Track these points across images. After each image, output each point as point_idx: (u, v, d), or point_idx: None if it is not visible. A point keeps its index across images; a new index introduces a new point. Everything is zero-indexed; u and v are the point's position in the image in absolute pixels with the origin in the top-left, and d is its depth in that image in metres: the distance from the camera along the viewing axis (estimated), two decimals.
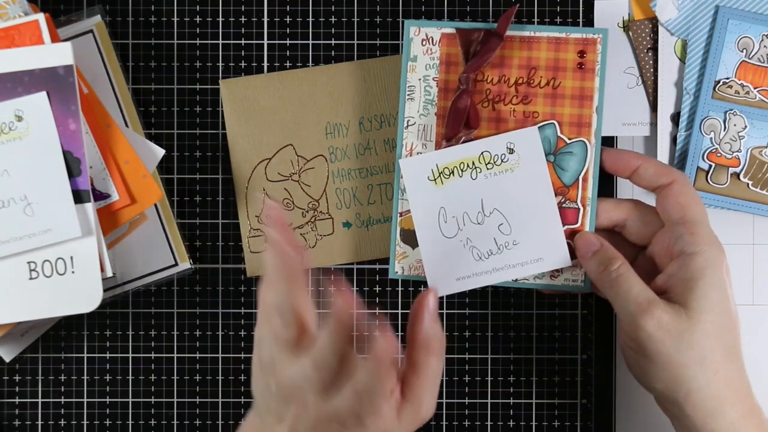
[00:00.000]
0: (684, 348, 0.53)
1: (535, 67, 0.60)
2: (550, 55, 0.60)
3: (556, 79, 0.60)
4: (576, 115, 0.60)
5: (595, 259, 0.57)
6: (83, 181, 0.57)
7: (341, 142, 0.65)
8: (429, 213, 0.60)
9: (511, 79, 0.60)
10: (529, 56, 0.60)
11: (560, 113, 0.60)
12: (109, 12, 0.64)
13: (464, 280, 0.60)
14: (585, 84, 0.60)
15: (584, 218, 0.60)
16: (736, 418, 0.54)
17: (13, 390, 0.65)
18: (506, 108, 0.60)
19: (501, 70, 0.60)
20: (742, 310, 0.65)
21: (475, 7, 0.65)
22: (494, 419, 0.65)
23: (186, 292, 0.65)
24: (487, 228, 0.60)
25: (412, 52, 0.60)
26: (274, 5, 0.65)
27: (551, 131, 0.60)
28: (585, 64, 0.60)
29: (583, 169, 0.60)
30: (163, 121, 0.65)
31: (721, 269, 0.54)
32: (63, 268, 0.57)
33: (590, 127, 0.60)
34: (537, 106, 0.60)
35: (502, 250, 0.60)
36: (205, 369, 0.65)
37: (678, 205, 0.56)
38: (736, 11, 0.62)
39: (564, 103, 0.60)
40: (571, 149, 0.60)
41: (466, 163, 0.60)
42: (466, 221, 0.60)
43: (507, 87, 0.60)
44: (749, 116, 0.62)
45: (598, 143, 0.60)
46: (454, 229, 0.60)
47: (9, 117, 0.56)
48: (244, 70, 0.65)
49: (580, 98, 0.60)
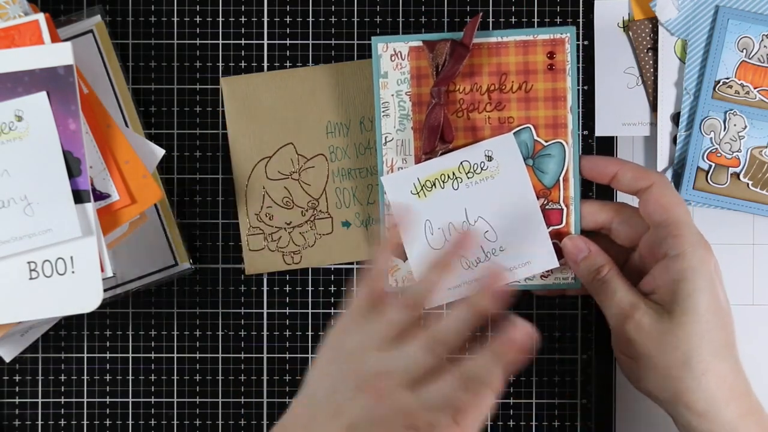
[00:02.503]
0: (667, 349, 0.54)
1: (506, 72, 0.60)
2: (519, 59, 0.60)
3: (527, 82, 0.60)
4: (551, 117, 0.60)
5: (584, 265, 0.58)
6: (83, 181, 0.57)
7: (342, 142, 0.65)
8: (415, 226, 0.61)
9: (482, 86, 0.60)
10: (498, 62, 0.60)
11: (535, 116, 0.60)
12: (109, 12, 0.64)
13: (455, 289, 0.61)
14: (557, 85, 0.60)
15: (568, 218, 0.60)
16: (732, 418, 0.54)
17: (13, 390, 0.65)
18: (481, 116, 0.61)
19: (472, 78, 0.60)
20: (742, 310, 0.65)
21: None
22: (494, 419, 0.65)
23: (186, 292, 0.65)
24: None
25: (383, 68, 0.61)
26: (274, 5, 0.65)
27: (527, 135, 0.60)
28: (555, 65, 0.60)
29: (563, 170, 0.60)
30: (163, 121, 0.65)
31: (708, 268, 0.54)
32: (63, 268, 0.57)
33: (566, 127, 0.60)
34: (511, 111, 0.60)
35: (490, 257, 0.60)
36: (205, 369, 0.65)
37: (660, 208, 0.56)
38: (736, 11, 0.62)
39: (538, 106, 0.60)
40: (549, 151, 0.60)
41: (446, 174, 0.60)
42: (452, 231, 0.60)
43: (479, 95, 0.60)
44: (749, 116, 0.62)
45: (576, 143, 0.60)
46: (441, 240, 0.60)
47: (9, 117, 0.56)
48: (244, 70, 0.64)
49: (553, 99, 0.60)
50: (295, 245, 0.65)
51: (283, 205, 0.65)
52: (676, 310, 0.54)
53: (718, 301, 0.54)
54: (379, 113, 0.61)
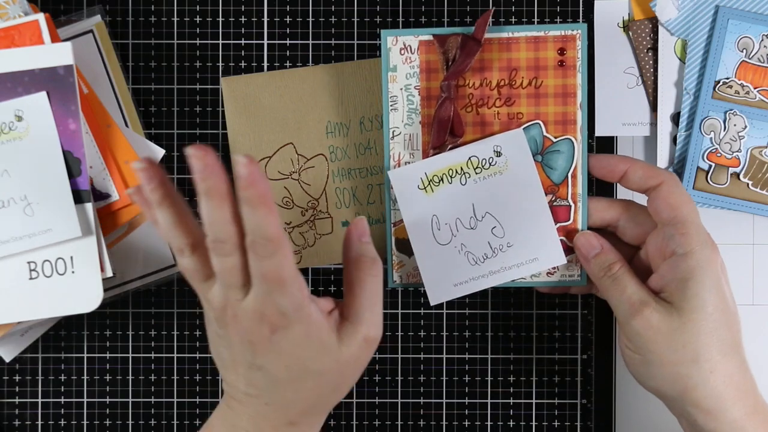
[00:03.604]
0: (677, 347, 0.54)
1: (516, 68, 0.60)
2: (530, 54, 0.60)
3: (537, 78, 0.60)
4: (560, 113, 0.60)
5: (595, 262, 0.58)
6: (83, 181, 0.57)
7: (342, 142, 0.65)
8: (422, 221, 0.60)
9: (492, 82, 0.60)
10: (509, 57, 0.60)
11: (544, 112, 0.60)
12: (109, 12, 0.64)
13: (462, 285, 0.61)
14: (567, 81, 0.60)
15: (576, 215, 0.60)
16: (739, 417, 0.54)
17: (13, 390, 0.65)
18: (490, 111, 0.60)
19: (482, 73, 0.60)
20: (742, 310, 0.65)
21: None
22: (494, 419, 0.65)
23: (186, 292, 0.65)
24: (480, 232, 0.60)
25: (392, 62, 0.60)
26: (274, 5, 0.65)
27: (537, 131, 0.60)
28: (565, 61, 0.60)
29: (572, 166, 0.60)
30: (163, 121, 0.65)
31: (715, 268, 0.55)
32: (63, 268, 0.57)
33: (575, 124, 0.60)
34: (521, 107, 0.60)
35: (497, 253, 0.60)
36: (205, 369, 0.65)
37: (668, 206, 0.56)
38: (736, 11, 0.62)
39: (547, 102, 0.60)
40: (558, 148, 0.60)
41: (454, 169, 0.60)
42: (459, 227, 0.60)
43: (489, 90, 0.60)
44: (749, 116, 0.62)
45: (585, 139, 0.60)
46: (448, 236, 0.60)
47: (9, 117, 0.56)
48: (244, 70, 0.64)
49: (563, 96, 0.60)
50: (295, 245, 0.65)
51: (283, 205, 0.65)
52: (684, 308, 0.54)
53: (725, 301, 0.55)
54: (387, 107, 0.61)
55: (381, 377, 0.65)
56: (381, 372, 0.65)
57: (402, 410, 0.65)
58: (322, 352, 0.51)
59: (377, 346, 0.54)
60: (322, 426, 0.55)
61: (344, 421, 0.65)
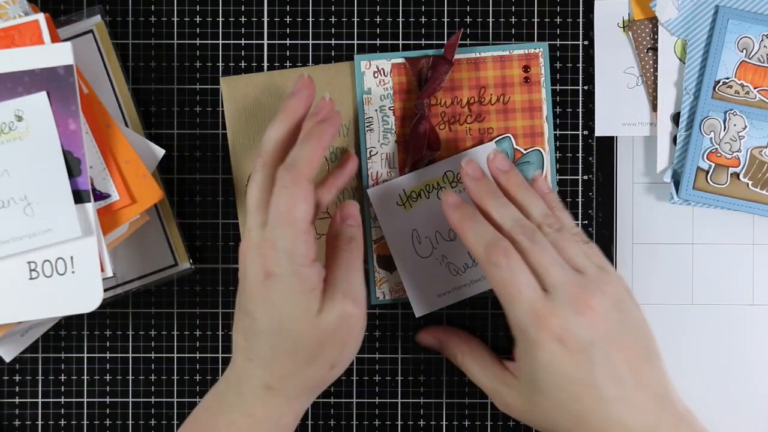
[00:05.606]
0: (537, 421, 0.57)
1: (485, 86, 0.63)
2: (497, 73, 0.63)
3: (505, 95, 0.63)
4: (528, 127, 0.63)
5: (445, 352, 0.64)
6: (83, 181, 0.57)
7: (341, 142, 0.65)
8: (402, 236, 0.63)
9: (463, 100, 0.63)
10: (477, 76, 0.63)
11: (513, 126, 0.63)
12: (109, 12, 0.64)
13: (445, 295, 0.63)
14: (533, 96, 0.63)
15: None
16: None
17: (13, 390, 0.65)
18: (462, 127, 0.63)
19: (453, 92, 0.63)
20: (742, 310, 0.65)
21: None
22: (494, 419, 0.65)
23: (186, 292, 0.65)
24: (459, 243, 0.62)
25: (366, 84, 0.63)
26: (274, 5, 0.65)
27: (508, 144, 0.63)
28: (530, 77, 0.63)
29: (542, 175, 0.63)
30: (163, 121, 0.65)
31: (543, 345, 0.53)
32: (63, 268, 0.57)
33: (543, 136, 0.63)
34: (491, 122, 0.63)
35: (477, 264, 0.62)
36: (205, 369, 0.65)
37: None
38: (736, 11, 0.62)
39: (516, 117, 0.63)
40: (529, 159, 0.63)
41: (431, 184, 0.63)
42: (439, 239, 0.63)
43: (460, 108, 0.63)
44: (749, 116, 0.62)
45: (553, 149, 0.63)
46: (428, 249, 0.63)
47: (9, 117, 0.56)
48: (244, 70, 0.65)
49: (530, 110, 0.63)
50: None
51: None
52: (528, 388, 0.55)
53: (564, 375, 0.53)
54: (363, 128, 0.63)
55: (381, 377, 0.65)
56: (381, 372, 0.65)
57: (402, 410, 0.65)
58: (302, 314, 0.53)
59: (359, 325, 0.55)
60: (304, 412, 0.57)
61: (344, 421, 0.65)
